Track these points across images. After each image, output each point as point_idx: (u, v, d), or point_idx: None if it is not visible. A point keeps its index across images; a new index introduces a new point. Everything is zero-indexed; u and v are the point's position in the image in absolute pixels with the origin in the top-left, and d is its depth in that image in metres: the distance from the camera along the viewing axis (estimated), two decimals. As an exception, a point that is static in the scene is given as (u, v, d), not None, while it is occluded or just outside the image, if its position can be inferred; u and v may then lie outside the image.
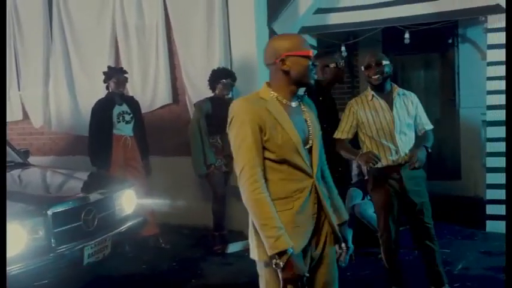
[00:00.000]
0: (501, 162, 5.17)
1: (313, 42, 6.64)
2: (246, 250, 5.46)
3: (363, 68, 3.88)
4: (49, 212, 3.93)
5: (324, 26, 6.29)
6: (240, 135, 2.30)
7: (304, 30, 6.30)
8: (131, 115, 5.61)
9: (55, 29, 6.86)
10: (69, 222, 4.07)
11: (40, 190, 4.91)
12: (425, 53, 7.52)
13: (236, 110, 2.35)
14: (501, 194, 4.94)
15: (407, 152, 3.77)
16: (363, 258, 5.09)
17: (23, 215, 3.88)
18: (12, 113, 7.18)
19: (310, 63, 2.42)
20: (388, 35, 6.91)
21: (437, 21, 5.93)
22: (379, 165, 3.68)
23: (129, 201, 4.77)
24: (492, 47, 5.58)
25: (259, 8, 5.94)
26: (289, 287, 2.27)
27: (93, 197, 4.37)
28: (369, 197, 5.18)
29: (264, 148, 2.32)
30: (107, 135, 5.49)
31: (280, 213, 2.30)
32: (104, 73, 5.67)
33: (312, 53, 2.44)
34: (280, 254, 2.21)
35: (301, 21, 6.20)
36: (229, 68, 5.88)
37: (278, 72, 2.41)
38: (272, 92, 2.41)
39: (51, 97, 6.95)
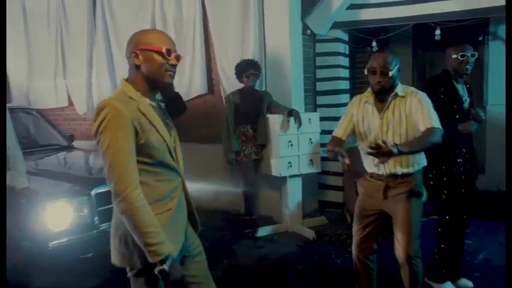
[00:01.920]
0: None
1: (345, 36, 6.70)
2: (275, 234, 5.63)
3: (365, 72, 3.27)
4: (92, 192, 4.12)
5: (356, 22, 6.32)
6: (115, 140, 2.07)
7: (337, 25, 6.36)
8: (164, 103, 5.74)
9: (98, 22, 7.03)
10: (111, 202, 4.20)
11: (84, 172, 5.06)
12: (455, 49, 7.48)
13: (109, 111, 2.07)
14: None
15: (393, 166, 3.28)
16: (388, 244, 5.18)
17: (70, 193, 4.08)
18: (59, 100, 7.41)
19: (165, 61, 2.22)
20: (419, 31, 6.91)
21: (468, 19, 5.90)
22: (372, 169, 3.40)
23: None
24: (522, 45, 5.56)
25: (294, 3, 6.00)
26: None
27: (133, 179, 4.54)
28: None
29: (138, 151, 2.14)
30: None
31: (159, 216, 2.21)
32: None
33: (167, 49, 2.22)
34: (164, 259, 2.13)
35: (334, 16, 6.25)
36: (263, 60, 5.98)
37: (132, 67, 2.26)
38: (137, 92, 2.23)
39: (94, 86, 7.14)
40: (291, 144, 5.53)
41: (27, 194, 3.75)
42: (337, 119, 6.39)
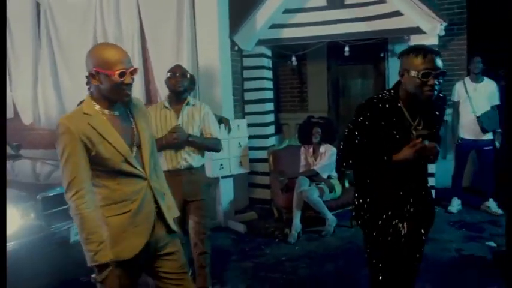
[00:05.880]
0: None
1: (269, 52, 6.76)
2: (210, 229, 5.54)
3: (168, 75, 3.71)
4: (38, 197, 3.95)
5: (277, 39, 6.40)
6: (65, 153, 2.07)
7: (261, 42, 6.42)
8: None
9: (43, 37, 6.74)
10: (57, 206, 4.05)
11: (31, 178, 4.86)
12: (361, 64, 7.70)
13: (62, 128, 2.08)
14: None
15: (189, 159, 3.59)
16: (309, 234, 5.27)
17: (16, 199, 3.88)
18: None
19: (120, 82, 2.13)
20: (332, 48, 7.06)
21: (371, 38, 6.11)
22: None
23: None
24: (414, 60, 5.81)
25: (222, 22, 6.00)
26: None
27: (78, 184, 4.37)
28: (314, 184, 5.35)
29: (93, 162, 2.12)
30: None
31: (119, 216, 2.17)
32: (86, 77, 5.65)
33: (120, 73, 2.12)
34: (100, 268, 2.11)
35: (258, 34, 6.30)
36: (196, 73, 5.92)
37: (91, 84, 2.19)
38: (96, 105, 2.19)
39: (40, 97, 6.83)
40: (222, 148, 5.47)
41: None
42: (262, 125, 6.54)
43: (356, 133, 2.40)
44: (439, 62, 2.27)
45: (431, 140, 2.36)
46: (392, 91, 2.45)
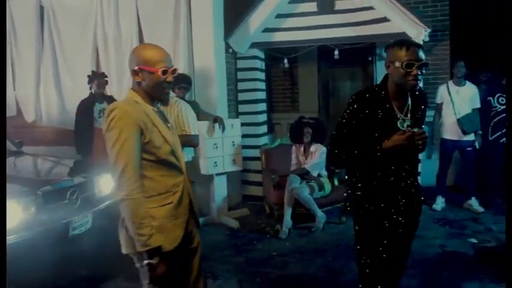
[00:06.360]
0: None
1: (262, 54, 6.77)
2: (204, 225, 5.54)
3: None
4: (39, 192, 3.91)
5: (270, 42, 6.40)
6: (122, 137, 2.00)
7: (254, 45, 6.41)
8: None
9: (46, 39, 6.73)
10: (57, 201, 4.04)
11: (32, 174, 4.82)
12: (350, 67, 7.72)
13: (119, 112, 2.03)
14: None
15: None
16: (300, 230, 5.27)
17: (19, 194, 3.85)
18: (8, 110, 7.01)
19: (163, 79, 2.14)
20: (322, 51, 7.07)
21: (360, 42, 6.12)
22: None
23: (107, 184, 4.74)
24: (400, 64, 5.84)
25: (217, 26, 6.02)
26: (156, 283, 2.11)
27: (77, 180, 4.34)
28: (305, 181, 5.35)
29: (143, 149, 2.08)
30: (89, 128, 5.46)
31: (162, 208, 2.14)
32: (88, 76, 5.66)
33: (162, 71, 2.12)
34: (150, 253, 2.05)
35: (252, 37, 6.29)
36: (192, 74, 5.91)
37: (134, 81, 2.18)
38: (140, 98, 2.18)
39: (42, 96, 6.82)
40: (216, 147, 5.50)
41: None
42: (255, 124, 6.53)
43: (347, 123, 2.42)
44: (421, 54, 2.34)
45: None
46: (381, 85, 2.49)
